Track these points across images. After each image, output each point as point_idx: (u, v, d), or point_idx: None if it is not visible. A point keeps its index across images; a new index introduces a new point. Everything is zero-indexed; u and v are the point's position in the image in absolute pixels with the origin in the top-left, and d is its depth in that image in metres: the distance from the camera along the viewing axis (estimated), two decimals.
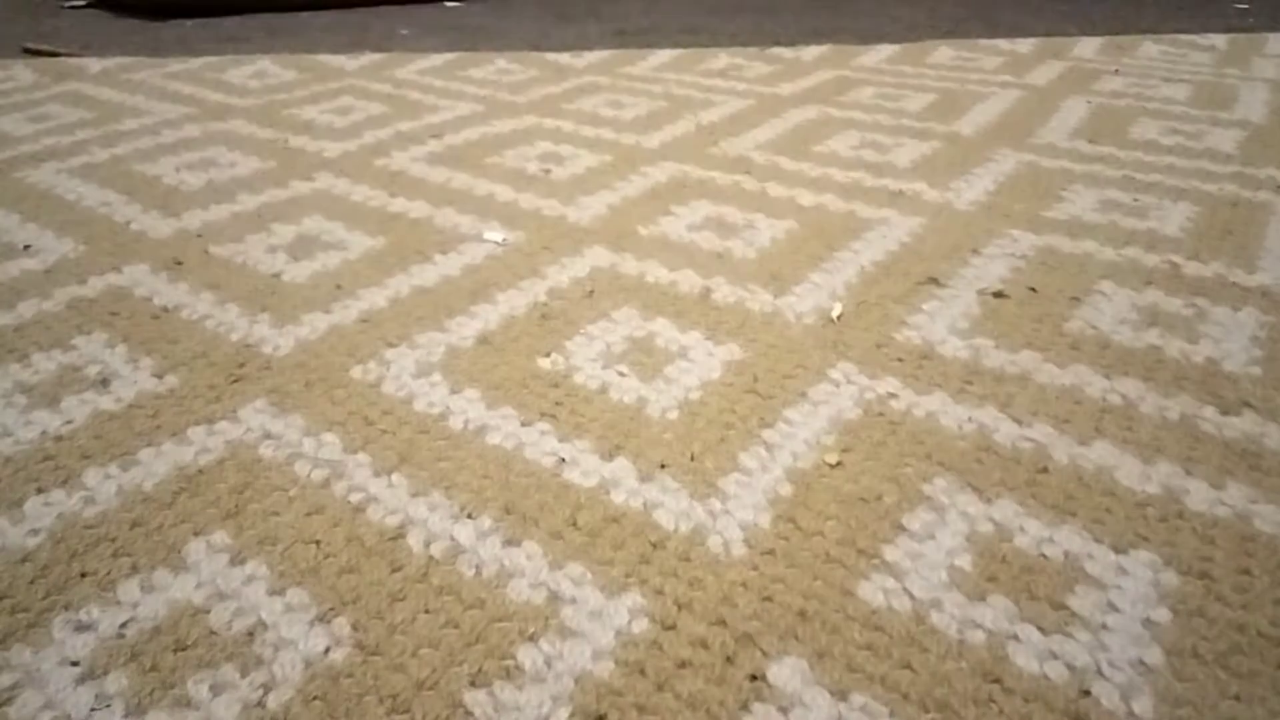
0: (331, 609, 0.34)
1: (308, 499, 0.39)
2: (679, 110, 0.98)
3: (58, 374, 0.48)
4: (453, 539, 0.37)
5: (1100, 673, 0.30)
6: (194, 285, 0.58)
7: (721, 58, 1.25)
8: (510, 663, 0.30)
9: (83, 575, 0.35)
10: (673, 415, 0.44)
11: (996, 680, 0.30)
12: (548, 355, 0.50)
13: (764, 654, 0.31)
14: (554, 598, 0.34)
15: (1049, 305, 0.55)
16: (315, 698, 0.30)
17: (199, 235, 0.65)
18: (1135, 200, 0.71)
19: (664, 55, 1.27)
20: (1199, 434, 0.43)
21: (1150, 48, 1.29)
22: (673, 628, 0.32)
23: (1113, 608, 0.33)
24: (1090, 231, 0.65)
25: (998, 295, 0.56)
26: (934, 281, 0.58)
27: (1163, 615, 0.32)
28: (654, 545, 0.33)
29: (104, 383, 0.48)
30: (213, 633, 0.33)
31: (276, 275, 0.59)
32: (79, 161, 0.81)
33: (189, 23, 1.57)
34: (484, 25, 1.57)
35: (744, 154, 0.83)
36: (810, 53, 1.28)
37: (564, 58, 1.26)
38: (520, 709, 0.29)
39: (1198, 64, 1.18)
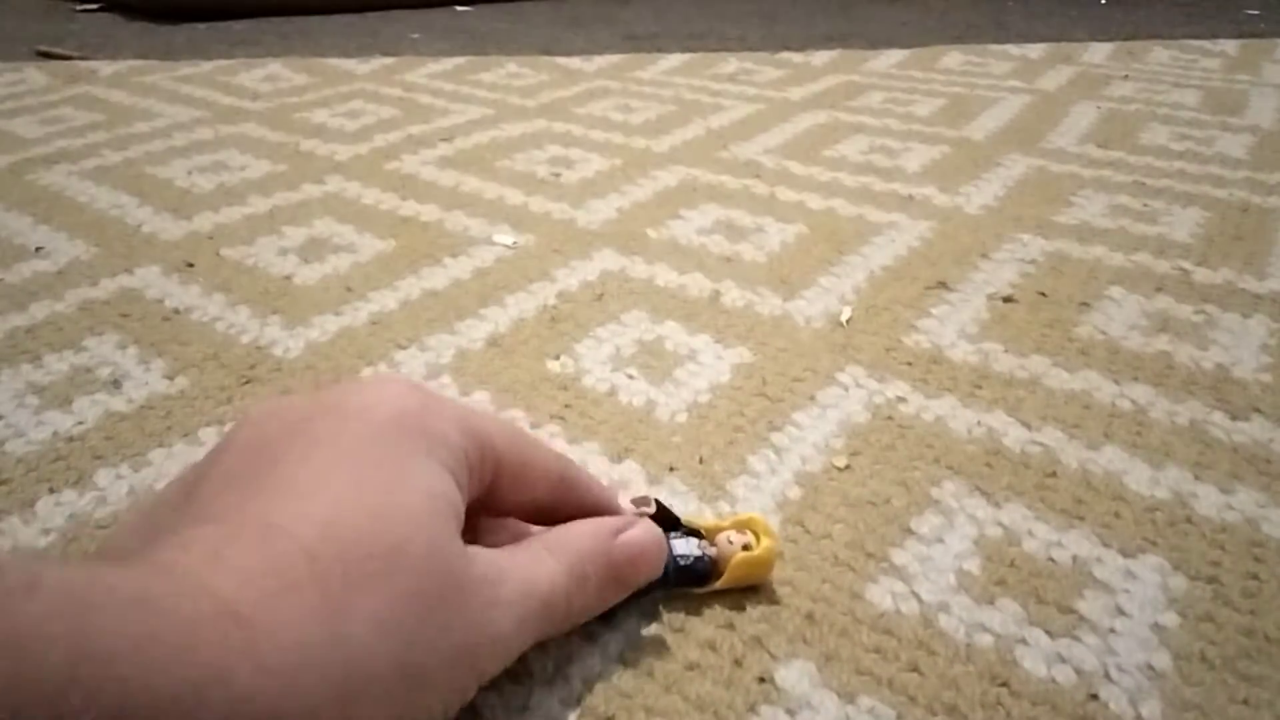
0: None
1: None
2: (689, 114, 0.98)
3: (69, 375, 0.49)
4: None
5: (1108, 676, 0.30)
6: (205, 287, 0.58)
7: (731, 62, 1.25)
8: (519, 664, 0.30)
9: None
10: (681, 418, 0.44)
11: (1004, 684, 0.30)
12: (557, 358, 0.50)
13: (772, 656, 0.31)
14: None
15: (1059, 310, 0.55)
16: None
17: (210, 238, 0.66)
18: (1145, 206, 0.71)
19: (674, 60, 1.27)
20: (1208, 439, 0.43)
21: (1160, 53, 1.29)
22: (681, 630, 0.32)
23: (1121, 612, 0.33)
24: (1100, 237, 0.65)
25: (1007, 300, 0.56)
26: (943, 286, 0.58)
27: (1171, 620, 0.32)
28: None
29: (115, 384, 0.48)
30: None
31: (287, 278, 0.60)
32: (91, 164, 0.81)
33: (201, 26, 1.58)
34: (494, 29, 1.57)
35: (753, 158, 0.83)
36: (820, 57, 1.28)
37: (574, 62, 1.26)
38: (529, 710, 0.29)
39: (1208, 69, 1.18)
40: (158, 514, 0.26)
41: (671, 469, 0.41)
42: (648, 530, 0.31)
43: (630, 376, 0.48)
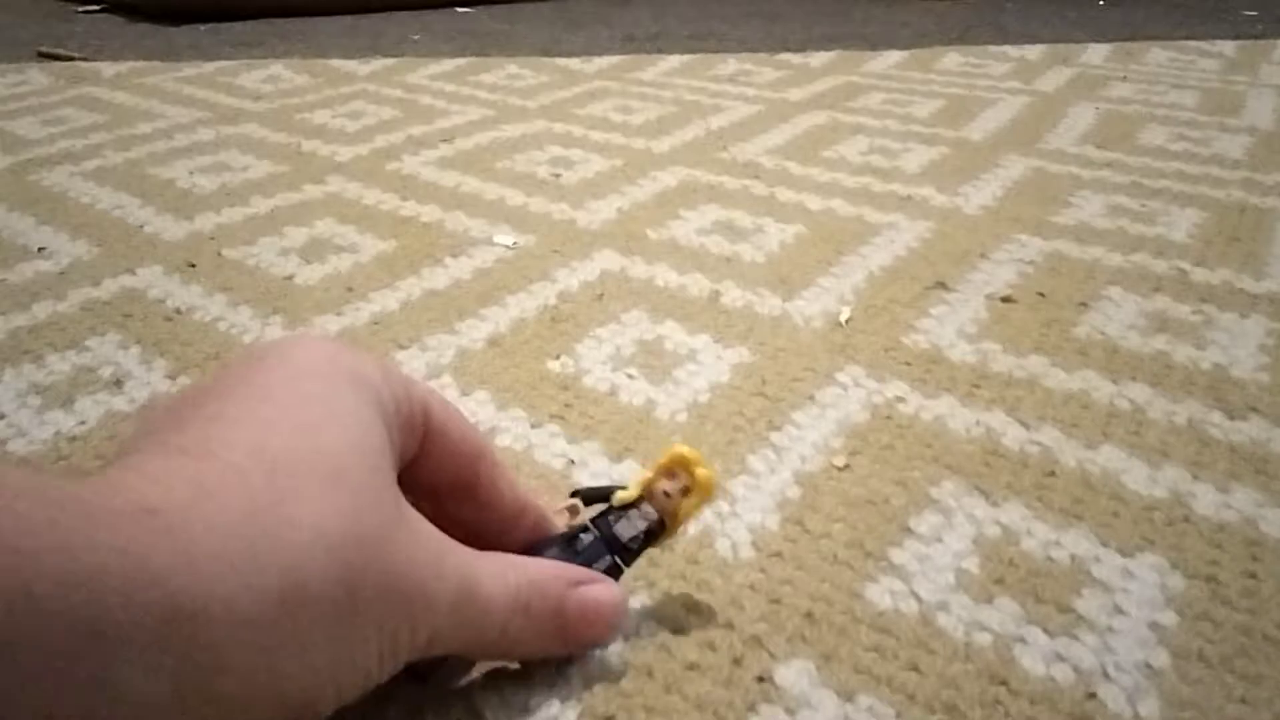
0: None
1: None
2: (688, 115, 0.98)
3: (72, 375, 0.49)
4: None
5: (1106, 675, 0.30)
6: (207, 287, 0.58)
7: (730, 63, 1.25)
8: (519, 664, 0.30)
9: None
10: (681, 418, 0.45)
11: (1003, 682, 0.30)
12: (557, 358, 0.50)
13: (771, 656, 0.31)
14: None
15: (1057, 310, 0.55)
16: None
17: (212, 238, 0.66)
18: (1143, 206, 0.71)
19: (673, 60, 1.27)
20: (1206, 439, 0.43)
21: (1158, 54, 1.29)
22: (681, 630, 0.32)
23: (1119, 611, 0.33)
24: (1098, 237, 0.65)
25: (1006, 300, 0.56)
26: (942, 286, 0.58)
27: (1169, 618, 0.33)
28: (661, 548, 0.33)
29: (117, 384, 0.48)
30: None
31: (289, 278, 0.60)
32: (93, 164, 0.81)
33: (202, 27, 1.58)
34: (495, 31, 1.57)
35: (753, 159, 0.83)
36: (819, 58, 1.29)
37: (574, 63, 1.26)
38: (529, 710, 0.29)
39: (1206, 70, 1.18)
40: None
41: None
42: (611, 594, 0.29)
43: (630, 376, 0.48)
